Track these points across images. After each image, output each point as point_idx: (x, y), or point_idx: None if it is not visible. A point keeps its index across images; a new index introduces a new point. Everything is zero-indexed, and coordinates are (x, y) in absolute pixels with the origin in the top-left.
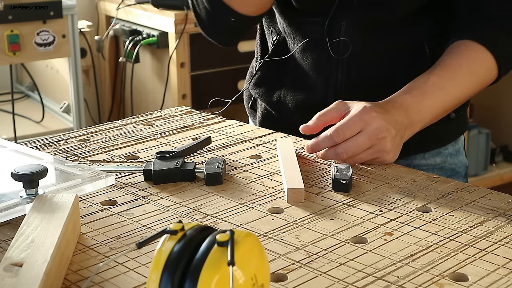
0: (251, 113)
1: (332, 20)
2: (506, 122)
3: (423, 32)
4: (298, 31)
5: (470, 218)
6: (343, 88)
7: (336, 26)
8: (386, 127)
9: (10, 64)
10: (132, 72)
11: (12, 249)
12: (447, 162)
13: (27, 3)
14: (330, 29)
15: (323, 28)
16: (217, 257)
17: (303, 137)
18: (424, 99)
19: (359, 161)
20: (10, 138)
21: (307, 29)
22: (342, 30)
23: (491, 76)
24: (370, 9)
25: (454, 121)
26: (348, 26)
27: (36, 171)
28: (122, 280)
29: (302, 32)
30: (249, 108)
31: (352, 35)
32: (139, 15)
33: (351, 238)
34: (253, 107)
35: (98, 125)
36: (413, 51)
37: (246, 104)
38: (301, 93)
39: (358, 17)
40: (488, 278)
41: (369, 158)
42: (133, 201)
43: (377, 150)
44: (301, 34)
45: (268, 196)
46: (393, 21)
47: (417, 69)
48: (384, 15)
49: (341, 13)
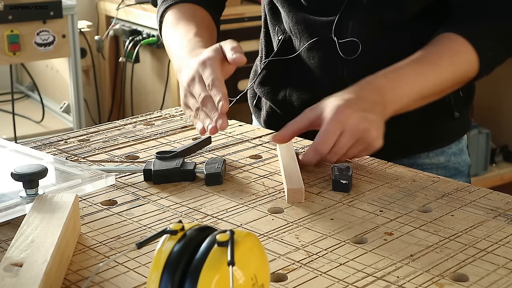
0: (256, 111)
1: (340, 19)
2: (506, 122)
3: (429, 32)
4: (305, 30)
5: (470, 218)
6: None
7: (344, 25)
8: (365, 118)
9: (10, 64)
10: (132, 72)
11: (12, 249)
12: (450, 161)
13: (27, 3)
14: (337, 28)
15: (331, 27)
16: (217, 257)
17: (303, 137)
18: (399, 82)
19: (351, 156)
20: (10, 138)
21: (315, 28)
22: (349, 29)
23: (472, 70)
24: (378, 8)
25: (458, 120)
26: (355, 25)
27: (36, 171)
28: (122, 280)
29: (309, 31)
30: (254, 106)
31: (359, 34)
32: (139, 15)
33: (351, 238)
34: (257, 105)
35: (98, 125)
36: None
37: (251, 103)
38: (306, 92)
39: (366, 17)
40: (488, 278)
41: (359, 151)
42: (133, 201)
43: (364, 142)
44: (308, 33)
45: (268, 196)
46: (400, 21)
47: None
48: (392, 14)
49: (349, 12)
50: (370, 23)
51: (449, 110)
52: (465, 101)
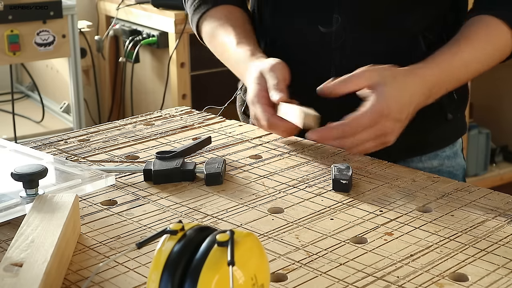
0: (244, 119)
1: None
2: (506, 122)
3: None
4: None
5: (470, 218)
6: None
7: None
8: (393, 128)
9: (10, 64)
10: (132, 72)
11: (12, 249)
12: (444, 165)
13: (27, 3)
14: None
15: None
16: (217, 257)
17: (302, 136)
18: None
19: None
20: (10, 138)
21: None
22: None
23: (506, 52)
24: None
25: (452, 123)
26: (343, 20)
27: (36, 171)
28: (122, 280)
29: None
30: (242, 113)
31: (346, 28)
32: (139, 15)
33: (351, 238)
34: (245, 112)
35: (98, 125)
36: (408, 45)
37: (239, 110)
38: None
39: (353, 10)
40: (488, 278)
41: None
42: (133, 201)
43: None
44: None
45: (268, 196)
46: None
47: (413, 61)
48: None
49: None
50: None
51: (442, 112)
52: (459, 103)
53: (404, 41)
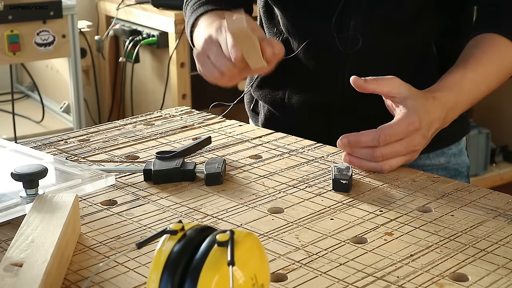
0: (253, 116)
1: (341, 18)
2: (506, 122)
3: (430, 32)
4: (303, 30)
5: (470, 218)
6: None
7: (345, 24)
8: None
9: (10, 64)
10: (132, 72)
11: (12, 249)
12: (450, 162)
13: (27, 3)
14: (338, 26)
15: (330, 25)
16: (217, 257)
17: (303, 137)
18: (461, 96)
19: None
20: (10, 138)
21: (313, 27)
22: (351, 28)
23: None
24: (378, 7)
25: (458, 122)
26: (357, 24)
27: (36, 171)
28: (122, 280)
29: (307, 30)
30: (251, 111)
31: (361, 34)
32: (139, 15)
33: (351, 238)
34: (254, 110)
35: (98, 125)
36: (420, 51)
37: (248, 107)
38: (306, 93)
39: (367, 16)
40: (488, 278)
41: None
42: (133, 201)
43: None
44: (306, 33)
45: (268, 196)
46: (400, 20)
47: (425, 68)
48: (391, 13)
49: (350, 12)
50: (371, 22)
51: None
52: None
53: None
